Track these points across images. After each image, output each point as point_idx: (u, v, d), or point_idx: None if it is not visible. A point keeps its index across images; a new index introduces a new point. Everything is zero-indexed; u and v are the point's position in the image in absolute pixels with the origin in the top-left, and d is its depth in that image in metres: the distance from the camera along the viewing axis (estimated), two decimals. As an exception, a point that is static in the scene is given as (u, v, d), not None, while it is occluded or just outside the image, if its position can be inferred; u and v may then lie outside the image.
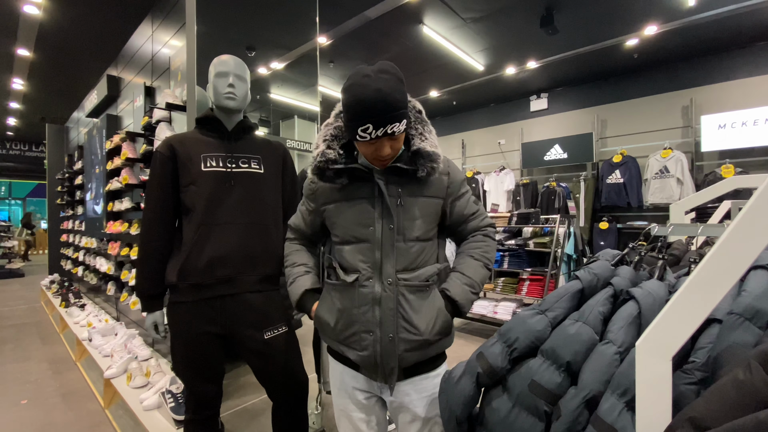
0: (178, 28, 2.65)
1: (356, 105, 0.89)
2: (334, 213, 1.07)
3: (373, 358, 0.99)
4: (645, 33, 4.69)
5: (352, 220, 1.03)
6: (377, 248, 1.00)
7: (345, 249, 1.05)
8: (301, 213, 1.20)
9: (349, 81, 0.92)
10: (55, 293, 4.81)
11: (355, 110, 0.90)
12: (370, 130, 0.89)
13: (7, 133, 11.84)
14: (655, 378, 0.67)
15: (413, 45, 5.19)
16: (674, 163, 5.18)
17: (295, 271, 1.17)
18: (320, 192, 1.10)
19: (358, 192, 1.03)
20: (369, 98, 0.87)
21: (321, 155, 1.01)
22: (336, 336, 1.05)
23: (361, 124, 0.89)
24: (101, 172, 3.77)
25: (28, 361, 3.36)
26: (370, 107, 0.87)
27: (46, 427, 2.30)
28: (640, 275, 0.99)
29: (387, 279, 0.99)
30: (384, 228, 0.99)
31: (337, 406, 1.15)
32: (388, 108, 0.88)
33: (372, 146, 0.94)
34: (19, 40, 5.32)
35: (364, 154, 0.98)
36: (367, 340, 0.99)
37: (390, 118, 0.89)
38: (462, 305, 1.03)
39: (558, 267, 3.71)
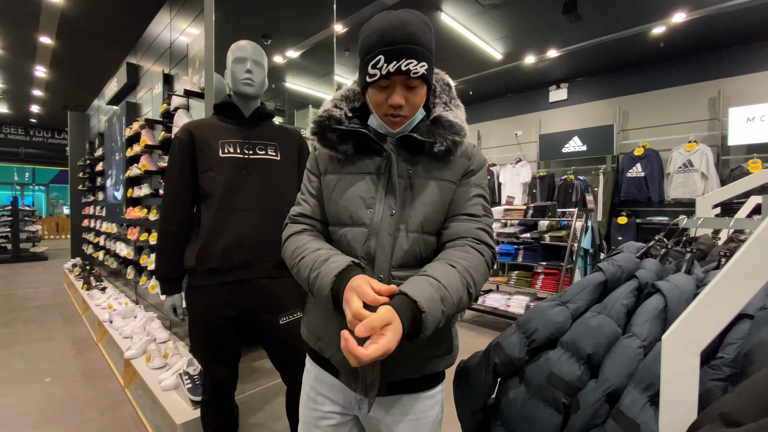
0: (195, 15, 2.65)
1: (371, 35, 0.76)
2: (331, 185, 0.87)
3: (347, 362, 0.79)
4: (672, 21, 4.51)
5: (350, 197, 0.83)
6: (372, 235, 0.81)
7: (337, 232, 0.86)
8: (306, 192, 0.93)
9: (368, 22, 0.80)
10: (77, 276, 4.96)
11: (368, 42, 0.76)
12: (380, 64, 0.74)
13: (30, 121, 12.16)
14: (682, 373, 0.65)
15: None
16: (699, 156, 5.01)
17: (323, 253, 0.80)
18: (320, 158, 0.92)
19: (362, 165, 0.85)
20: (385, 26, 0.74)
21: (324, 112, 0.86)
22: (320, 331, 0.88)
23: (372, 58, 0.75)
24: (121, 158, 3.85)
25: (51, 341, 3.49)
26: (383, 35, 0.74)
27: (68, 404, 2.38)
28: (667, 269, 0.96)
29: (378, 275, 0.80)
30: (384, 212, 0.81)
31: (302, 418, 0.94)
32: (405, 38, 0.73)
33: (383, 93, 0.78)
34: (42, 29, 5.42)
35: (375, 105, 0.81)
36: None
37: (407, 51, 0.73)
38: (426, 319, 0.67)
39: (574, 261, 3.65)
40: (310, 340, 0.90)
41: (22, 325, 3.93)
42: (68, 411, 2.30)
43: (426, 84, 0.81)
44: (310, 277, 0.77)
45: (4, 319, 4.17)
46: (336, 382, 0.88)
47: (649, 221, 5.55)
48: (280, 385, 2.10)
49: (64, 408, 2.34)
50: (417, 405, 0.87)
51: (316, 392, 0.91)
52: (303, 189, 0.95)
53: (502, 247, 4.07)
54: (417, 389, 0.87)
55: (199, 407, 1.77)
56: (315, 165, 0.93)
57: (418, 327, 0.66)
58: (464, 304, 0.75)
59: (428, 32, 0.79)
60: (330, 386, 0.89)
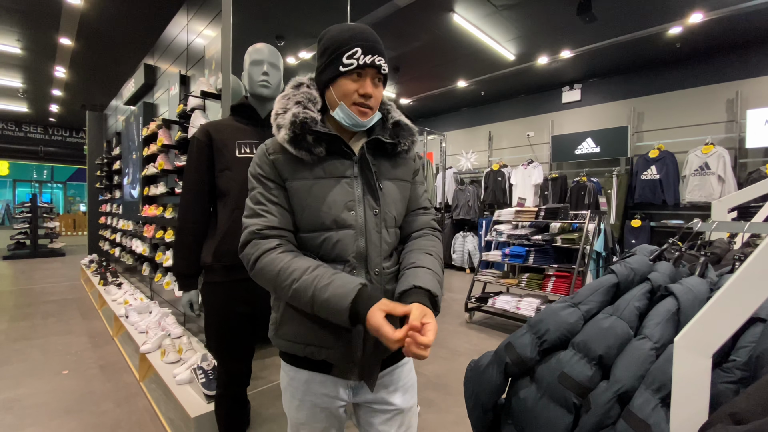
0: (212, 17, 2.70)
1: (344, 31, 0.86)
2: (303, 193, 0.87)
3: (352, 354, 0.86)
4: (690, 21, 4.44)
5: (330, 201, 0.86)
6: (360, 235, 0.87)
7: (319, 237, 0.87)
8: (268, 201, 0.88)
9: (323, 32, 0.91)
10: (94, 272, 5.08)
11: (343, 36, 0.85)
12: (358, 55, 0.82)
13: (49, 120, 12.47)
14: (694, 375, 0.66)
15: (442, 33, 5.10)
16: (716, 159, 4.92)
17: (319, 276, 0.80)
18: (281, 164, 0.88)
19: (333, 169, 0.88)
20: (356, 28, 0.86)
21: (298, 116, 0.84)
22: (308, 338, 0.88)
23: (348, 50, 0.83)
24: (138, 157, 3.93)
25: (69, 335, 3.58)
26: (358, 33, 0.85)
27: (85, 396, 2.45)
28: (680, 272, 0.96)
29: (374, 269, 0.89)
30: (367, 212, 0.88)
31: (296, 421, 0.96)
32: (377, 39, 0.87)
33: (357, 82, 0.85)
34: (62, 30, 5.57)
35: (344, 94, 0.86)
36: (345, 336, 0.85)
37: (379, 50, 0.86)
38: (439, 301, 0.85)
39: (586, 264, 3.62)
40: (295, 348, 0.90)
41: (41, 319, 4.05)
42: (85, 402, 2.37)
43: (384, 86, 0.92)
44: (316, 301, 0.78)
45: (23, 312, 4.29)
46: (327, 378, 0.92)
47: (664, 224, 5.47)
48: (291, 381, 2.13)
49: (81, 400, 2.40)
50: (401, 373, 0.99)
51: (311, 394, 0.93)
52: (258, 199, 0.89)
53: (513, 248, 4.05)
54: (396, 360, 0.98)
55: (212, 401, 1.81)
56: (273, 172, 0.89)
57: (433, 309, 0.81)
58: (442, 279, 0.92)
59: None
60: (323, 383, 0.93)
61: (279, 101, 0.91)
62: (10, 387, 2.54)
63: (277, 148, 0.90)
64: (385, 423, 0.96)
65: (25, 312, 4.31)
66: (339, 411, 0.96)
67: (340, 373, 0.90)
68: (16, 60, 6.99)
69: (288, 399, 0.98)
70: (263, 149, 0.91)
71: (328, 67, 0.87)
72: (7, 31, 5.81)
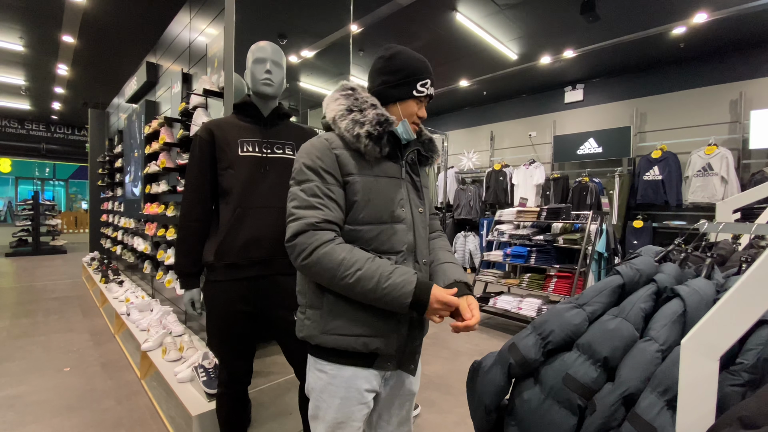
0: (214, 16, 2.70)
1: (419, 60, 1.01)
2: (367, 188, 0.94)
3: (398, 342, 0.96)
4: (694, 21, 4.42)
5: (388, 198, 0.97)
6: (410, 230, 1.00)
7: (374, 230, 0.94)
8: (326, 195, 0.92)
9: (392, 50, 1.02)
10: (96, 270, 5.09)
11: (417, 66, 1.00)
12: (428, 85, 1.01)
13: (52, 117, 12.49)
14: (701, 377, 0.65)
15: (445, 33, 5.09)
16: (719, 160, 4.91)
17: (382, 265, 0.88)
18: (344, 160, 0.94)
19: (387, 169, 1.01)
20: (424, 58, 1.03)
21: (382, 116, 0.96)
22: (361, 329, 0.93)
23: (422, 79, 1.00)
24: (140, 155, 3.93)
25: (71, 332, 3.58)
26: (427, 66, 1.02)
27: (87, 393, 2.45)
28: (686, 273, 0.95)
29: (422, 260, 1.03)
30: (413, 210, 1.03)
31: (334, 421, 0.97)
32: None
33: (418, 106, 1.02)
34: (64, 28, 5.57)
35: (408, 114, 1.01)
36: (392, 323, 0.94)
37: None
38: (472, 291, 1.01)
39: (588, 265, 3.61)
40: (346, 342, 0.93)
41: (43, 316, 4.05)
42: (87, 400, 2.37)
43: None
44: (380, 286, 0.86)
45: (25, 309, 4.30)
46: (369, 372, 0.98)
47: (666, 225, 5.45)
48: (292, 381, 2.13)
49: (83, 397, 2.41)
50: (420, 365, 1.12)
51: (354, 390, 0.97)
52: (314, 191, 0.91)
53: (514, 249, 4.04)
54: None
55: (213, 400, 1.81)
56: (334, 166, 0.93)
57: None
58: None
59: None
60: (366, 378, 0.98)
61: (340, 101, 0.99)
62: (11, 384, 2.54)
63: (340, 144, 0.96)
64: (399, 407, 1.10)
65: (27, 309, 4.32)
66: (371, 405, 1.03)
67: (383, 365, 0.98)
68: (19, 57, 7.00)
69: (326, 400, 0.98)
70: (325, 143, 0.95)
71: (401, 87, 1.00)
72: (10, 28, 5.82)
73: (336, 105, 0.99)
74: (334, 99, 1.01)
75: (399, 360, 1.00)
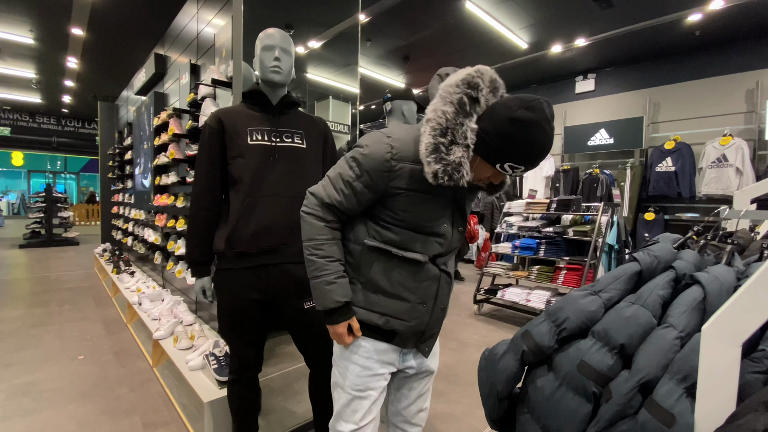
0: (221, 6, 2.68)
1: (526, 145, 0.84)
2: (412, 201, 0.97)
3: (419, 327, 1.04)
4: (710, 8, 4.30)
5: (431, 215, 1.00)
6: (447, 245, 1.03)
7: (420, 236, 1.01)
8: (351, 188, 0.98)
9: (529, 114, 0.82)
10: (107, 261, 5.16)
11: (521, 150, 0.85)
12: (520, 171, 0.88)
13: (62, 111, 12.62)
14: (722, 364, 0.64)
15: (454, 21, 5.02)
16: (734, 151, 4.80)
17: (333, 268, 1.00)
18: (401, 173, 0.94)
19: (441, 190, 0.96)
20: (540, 146, 0.84)
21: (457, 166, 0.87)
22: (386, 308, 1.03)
23: (515, 162, 0.86)
24: (149, 147, 3.95)
25: (84, 321, 3.65)
26: (536, 154, 0.85)
27: (100, 381, 2.50)
28: (705, 260, 0.93)
29: (449, 267, 1.08)
30: (454, 229, 1.04)
31: (354, 387, 1.06)
32: (541, 159, 0.88)
33: (495, 174, 0.93)
34: (73, 21, 5.59)
35: (479, 175, 0.94)
36: (420, 311, 1.03)
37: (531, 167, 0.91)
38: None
39: (598, 257, 3.57)
40: (373, 317, 1.04)
41: (57, 306, 4.13)
42: (100, 387, 2.41)
43: None
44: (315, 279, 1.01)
45: (40, 299, 4.38)
46: (387, 347, 1.06)
47: (678, 218, 5.37)
48: (302, 369, 2.15)
49: (97, 384, 2.45)
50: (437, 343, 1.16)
51: (373, 360, 1.06)
52: (347, 180, 0.97)
53: (523, 240, 4.01)
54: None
55: (224, 387, 1.83)
56: (382, 175, 0.95)
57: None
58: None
59: None
60: (384, 351, 1.06)
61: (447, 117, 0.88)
62: (27, 371, 2.60)
63: (407, 157, 0.94)
64: (417, 381, 1.16)
65: (42, 299, 4.40)
66: (388, 377, 1.09)
67: (401, 342, 1.06)
68: (29, 50, 7.06)
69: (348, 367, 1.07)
70: (388, 150, 0.94)
71: (492, 153, 0.88)
72: (20, 21, 5.86)
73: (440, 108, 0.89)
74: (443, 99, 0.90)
75: (416, 341, 1.07)
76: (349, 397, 1.06)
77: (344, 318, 1.01)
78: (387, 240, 1.00)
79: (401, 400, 1.18)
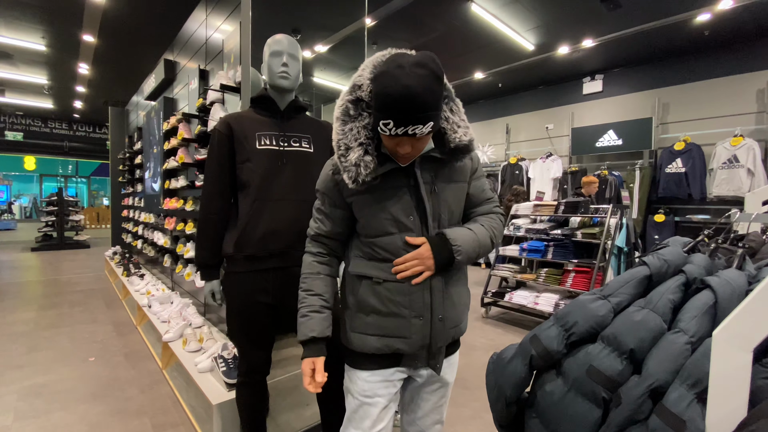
0: (229, 12, 2.72)
1: (382, 97, 0.83)
2: (367, 203, 0.98)
3: (421, 341, 0.98)
4: (719, 7, 4.25)
5: (392, 209, 0.97)
6: (419, 235, 0.98)
7: (385, 240, 0.98)
8: (323, 213, 1.06)
9: (382, 67, 0.85)
10: (118, 263, 5.22)
11: (380, 102, 0.84)
12: (390, 126, 0.83)
13: (74, 116, 12.83)
14: (733, 369, 0.63)
15: (460, 24, 5.02)
16: (745, 151, 4.74)
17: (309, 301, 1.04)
18: (343, 184, 0.98)
19: (392, 180, 0.96)
20: (394, 93, 0.80)
21: (359, 165, 0.90)
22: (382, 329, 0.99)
23: (383, 118, 0.83)
24: (159, 151, 4.00)
25: (94, 323, 3.70)
26: (392, 103, 0.81)
27: (111, 382, 2.53)
28: (716, 264, 0.92)
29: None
30: (423, 226, 0.99)
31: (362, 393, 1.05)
32: (413, 108, 0.80)
33: (392, 141, 0.88)
34: (85, 27, 5.69)
35: (386, 145, 0.92)
36: (417, 325, 0.97)
37: (414, 119, 0.81)
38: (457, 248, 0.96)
39: (607, 260, 3.54)
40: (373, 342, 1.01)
41: (68, 308, 4.19)
42: (111, 388, 2.45)
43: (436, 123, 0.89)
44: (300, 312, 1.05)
45: (51, 302, 4.45)
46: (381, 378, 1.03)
47: (689, 219, 5.30)
48: (310, 372, 2.15)
49: (107, 386, 2.48)
50: (453, 358, 1.11)
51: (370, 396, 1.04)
52: (318, 207, 1.08)
53: (531, 243, 3.99)
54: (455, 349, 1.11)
55: (233, 389, 1.84)
56: (333, 191, 1.02)
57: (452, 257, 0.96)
58: (488, 247, 1.04)
59: (438, 88, 0.84)
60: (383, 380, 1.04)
61: (338, 132, 0.93)
62: (39, 373, 2.64)
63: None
64: (432, 392, 1.11)
65: (53, 301, 4.47)
66: (397, 384, 1.06)
67: (409, 362, 1.03)
68: (42, 57, 7.20)
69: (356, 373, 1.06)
70: (329, 169, 1.03)
71: (373, 116, 0.89)
72: (32, 28, 5.98)
73: (334, 129, 0.95)
74: (335, 118, 0.96)
75: (428, 359, 1.02)
76: (357, 402, 1.05)
77: (309, 354, 1.00)
78: (366, 254, 1.02)
79: (416, 410, 1.15)
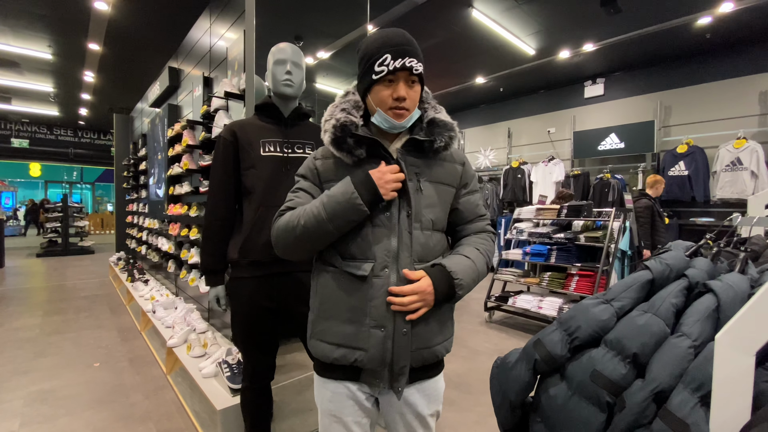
0: (234, 20, 2.75)
1: (375, 41, 0.89)
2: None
3: (380, 356, 0.87)
4: (720, 10, 4.27)
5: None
6: (393, 235, 0.89)
7: (357, 234, 0.90)
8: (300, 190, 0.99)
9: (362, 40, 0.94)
10: (122, 269, 5.25)
11: (373, 45, 0.89)
12: (387, 61, 0.85)
13: (79, 123, 12.95)
14: (736, 373, 0.63)
15: (461, 29, 5.06)
16: (748, 154, 4.72)
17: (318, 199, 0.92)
18: (323, 169, 0.96)
19: (371, 169, 0.90)
20: (388, 33, 0.90)
21: (340, 119, 0.91)
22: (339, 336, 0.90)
23: (379, 57, 0.86)
24: (163, 158, 4.04)
25: (99, 329, 3.71)
26: (388, 38, 0.88)
27: (116, 388, 2.54)
28: (719, 268, 0.92)
29: (402, 269, 0.89)
30: (401, 213, 0.91)
31: (328, 411, 0.96)
32: (405, 41, 0.88)
33: (388, 88, 0.88)
34: (90, 35, 5.77)
35: (380, 101, 0.90)
36: (376, 336, 0.87)
37: (409, 51, 0.87)
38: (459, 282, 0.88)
39: (610, 263, 3.53)
40: (328, 351, 0.91)
41: (73, 314, 4.21)
42: (116, 394, 2.45)
43: (421, 84, 0.95)
44: (326, 209, 0.87)
45: (56, 307, 4.48)
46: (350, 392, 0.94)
47: (692, 222, 5.28)
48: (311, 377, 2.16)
49: (112, 391, 2.49)
50: (430, 385, 0.99)
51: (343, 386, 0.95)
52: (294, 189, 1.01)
53: (534, 247, 3.99)
54: (430, 375, 0.98)
55: (237, 395, 1.85)
56: (312, 173, 0.99)
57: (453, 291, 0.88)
58: (484, 274, 0.97)
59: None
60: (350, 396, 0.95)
61: (328, 109, 0.97)
62: (45, 378, 2.65)
63: (325, 153, 0.98)
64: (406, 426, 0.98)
65: (58, 307, 4.49)
66: (364, 404, 0.95)
67: (368, 380, 0.93)
68: (48, 65, 7.29)
69: (321, 392, 0.98)
70: (312, 155, 1.02)
71: (364, 77, 0.92)
72: (39, 37, 6.06)
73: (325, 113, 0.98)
74: (329, 107, 0.99)
75: (390, 380, 0.91)
76: (326, 421, 0.97)
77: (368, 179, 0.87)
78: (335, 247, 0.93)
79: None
